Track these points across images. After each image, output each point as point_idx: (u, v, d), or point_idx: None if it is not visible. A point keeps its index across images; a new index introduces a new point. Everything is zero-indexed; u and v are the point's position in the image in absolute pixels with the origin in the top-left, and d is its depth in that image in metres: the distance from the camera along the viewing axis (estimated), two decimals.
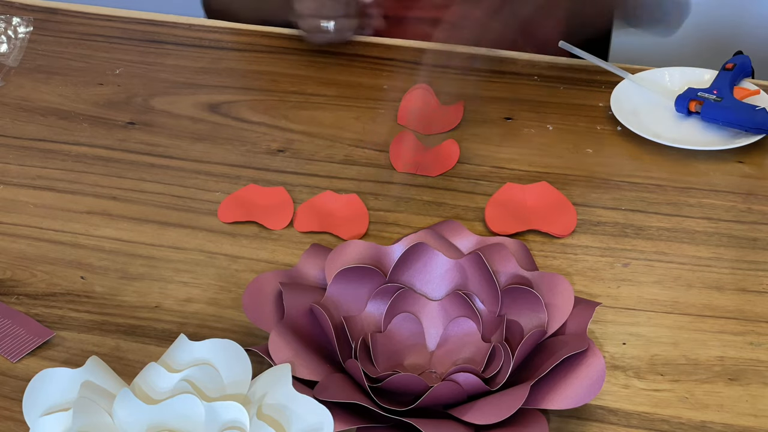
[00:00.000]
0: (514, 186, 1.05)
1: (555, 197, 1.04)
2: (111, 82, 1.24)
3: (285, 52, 1.29)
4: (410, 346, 0.87)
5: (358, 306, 0.87)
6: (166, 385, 0.76)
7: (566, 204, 1.03)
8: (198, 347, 0.79)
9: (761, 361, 0.88)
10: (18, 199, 1.06)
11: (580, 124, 1.16)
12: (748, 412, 0.83)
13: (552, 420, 0.81)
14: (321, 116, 1.18)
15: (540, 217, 1.02)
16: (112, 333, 0.90)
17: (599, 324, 0.91)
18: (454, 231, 0.93)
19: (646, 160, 1.11)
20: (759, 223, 1.02)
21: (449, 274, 0.88)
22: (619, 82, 1.18)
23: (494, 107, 1.19)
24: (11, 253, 0.99)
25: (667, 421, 0.83)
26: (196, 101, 1.20)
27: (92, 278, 0.96)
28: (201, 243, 1.00)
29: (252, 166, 1.10)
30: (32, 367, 0.87)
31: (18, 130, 1.16)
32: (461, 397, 0.80)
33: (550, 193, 1.04)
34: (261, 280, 0.88)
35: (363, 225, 1.02)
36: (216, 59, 1.28)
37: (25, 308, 0.93)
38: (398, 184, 1.07)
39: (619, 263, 0.97)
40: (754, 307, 0.93)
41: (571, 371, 0.79)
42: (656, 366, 0.87)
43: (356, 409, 0.79)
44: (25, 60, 1.27)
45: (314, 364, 0.81)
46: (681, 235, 1.01)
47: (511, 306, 0.86)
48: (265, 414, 0.75)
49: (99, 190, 1.07)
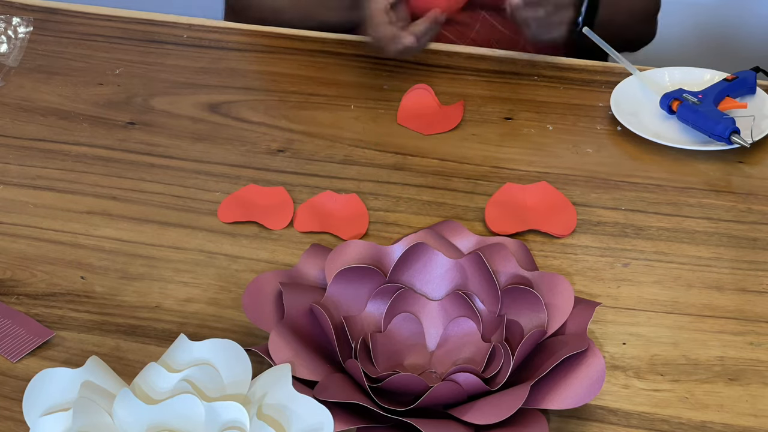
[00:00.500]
0: (514, 186, 1.05)
1: (555, 197, 1.04)
2: (111, 82, 1.24)
3: (285, 52, 1.29)
4: (410, 346, 0.87)
5: (358, 306, 0.87)
6: (166, 385, 0.76)
7: (566, 204, 1.03)
8: (198, 347, 0.79)
9: (761, 361, 0.88)
10: (18, 199, 1.06)
11: (580, 124, 1.16)
12: (748, 412, 0.83)
13: (552, 420, 0.81)
14: (321, 116, 1.18)
15: (540, 217, 1.02)
16: (112, 333, 0.90)
17: (599, 324, 0.91)
18: (454, 231, 0.93)
19: (646, 160, 1.11)
20: (759, 223, 1.02)
21: (449, 274, 0.88)
22: (619, 83, 1.18)
23: (494, 107, 1.19)
24: (11, 253, 0.99)
25: (667, 421, 0.83)
26: (196, 101, 1.20)
27: (92, 278, 0.96)
28: (201, 243, 1.00)
29: (252, 166, 1.10)
30: (32, 367, 0.87)
31: (18, 130, 1.16)
32: (461, 397, 0.80)
33: (550, 193, 1.04)
34: (261, 280, 0.88)
35: (363, 225, 1.02)
36: (216, 59, 1.28)
37: (25, 308, 0.93)
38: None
39: (619, 263, 0.97)
40: (754, 307, 0.93)
41: (571, 371, 0.79)
42: (656, 366, 0.87)
43: (356, 409, 0.78)
44: (25, 60, 1.27)
45: (314, 364, 0.81)
46: (681, 235, 1.01)
47: (511, 306, 0.86)
48: (265, 414, 0.75)
49: (99, 190, 1.07)
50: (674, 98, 1.14)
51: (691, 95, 1.13)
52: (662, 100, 1.15)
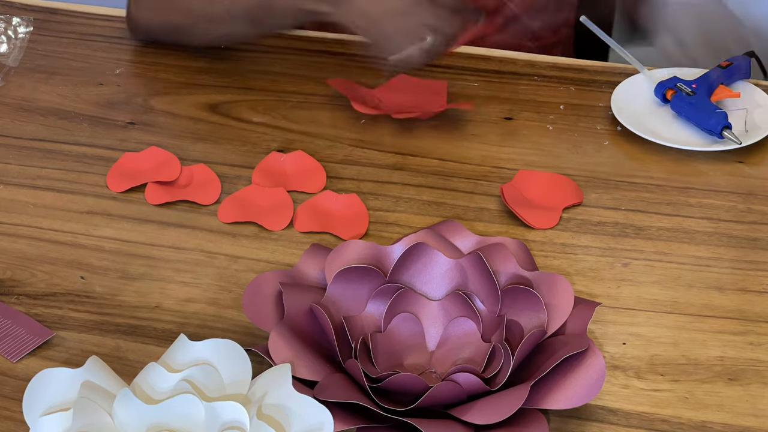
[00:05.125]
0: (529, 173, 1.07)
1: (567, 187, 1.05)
2: (111, 82, 1.24)
3: (285, 52, 1.29)
4: (410, 346, 0.87)
5: (358, 306, 0.87)
6: (166, 385, 0.76)
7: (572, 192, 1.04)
8: (198, 347, 0.79)
9: (761, 361, 0.88)
10: (18, 199, 1.06)
11: (580, 124, 1.16)
12: (748, 412, 0.83)
13: (552, 420, 0.81)
14: (321, 116, 1.18)
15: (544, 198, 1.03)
16: (112, 333, 0.90)
17: (599, 324, 0.91)
18: (454, 231, 0.93)
19: (646, 160, 1.11)
20: (759, 223, 1.02)
21: (449, 274, 0.88)
22: (619, 83, 1.18)
23: (494, 107, 1.19)
24: (11, 253, 0.99)
25: (667, 421, 0.83)
26: (196, 101, 1.20)
27: (92, 278, 0.96)
28: (201, 243, 1.00)
29: (252, 166, 1.10)
30: (32, 367, 0.87)
31: (18, 130, 1.16)
32: (461, 397, 0.80)
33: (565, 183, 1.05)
34: (261, 280, 0.88)
35: (363, 225, 1.02)
36: (216, 59, 1.27)
37: (25, 308, 0.93)
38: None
39: (619, 263, 0.97)
40: (754, 307, 0.93)
41: (571, 371, 0.79)
42: (656, 366, 0.87)
43: (356, 409, 0.78)
44: (25, 60, 1.27)
45: (314, 364, 0.81)
46: (681, 235, 1.01)
47: (511, 306, 0.86)
48: (265, 414, 0.75)
49: (99, 190, 1.07)
50: (669, 87, 1.15)
51: (685, 84, 1.13)
52: (657, 89, 1.16)
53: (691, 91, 1.13)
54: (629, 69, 1.23)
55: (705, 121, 1.10)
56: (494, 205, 1.05)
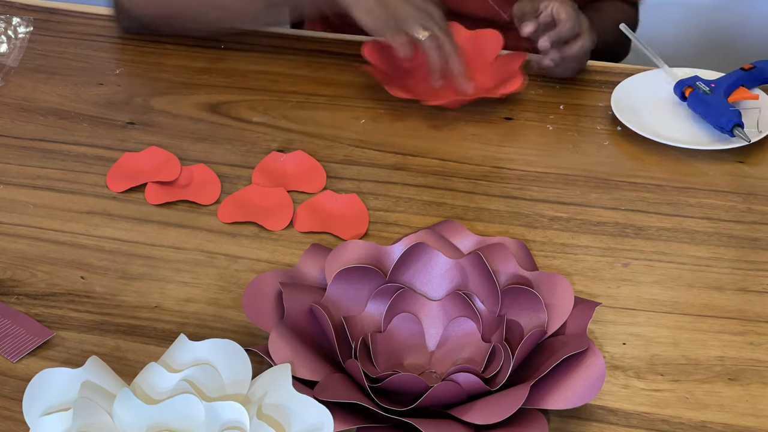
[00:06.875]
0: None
1: None
2: (111, 82, 1.24)
3: (285, 52, 1.29)
4: (410, 346, 0.87)
5: (358, 306, 0.87)
6: (166, 385, 0.76)
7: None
8: (198, 347, 0.79)
9: (761, 361, 0.88)
10: (18, 199, 1.06)
11: (580, 124, 1.16)
12: (748, 412, 0.83)
13: (552, 420, 0.81)
14: (321, 116, 1.18)
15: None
16: (112, 333, 0.90)
17: (599, 324, 0.91)
18: (454, 231, 0.93)
19: (646, 160, 1.11)
20: (759, 223, 1.02)
21: (449, 274, 0.88)
22: (619, 83, 1.19)
23: (494, 107, 1.19)
24: (11, 253, 0.99)
25: (667, 421, 0.83)
26: (196, 101, 1.20)
27: (92, 278, 0.96)
28: (201, 243, 1.00)
29: (252, 166, 1.10)
30: (32, 367, 0.87)
31: (18, 130, 1.16)
32: (461, 397, 0.80)
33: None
34: (261, 280, 0.88)
35: (363, 225, 1.02)
36: (216, 59, 1.28)
37: (25, 308, 0.93)
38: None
39: (619, 263, 0.97)
40: (754, 307, 0.93)
41: (571, 371, 0.79)
42: (656, 366, 0.87)
43: (356, 409, 0.79)
44: (25, 60, 1.27)
45: (314, 364, 0.81)
46: (681, 235, 1.01)
47: (511, 306, 0.86)
48: (265, 414, 0.75)
49: (99, 190, 1.07)
50: (687, 85, 1.15)
51: (704, 84, 1.14)
52: (676, 86, 1.17)
53: (708, 90, 1.13)
54: (629, 69, 1.23)
55: (717, 118, 1.10)
56: (494, 205, 1.05)
